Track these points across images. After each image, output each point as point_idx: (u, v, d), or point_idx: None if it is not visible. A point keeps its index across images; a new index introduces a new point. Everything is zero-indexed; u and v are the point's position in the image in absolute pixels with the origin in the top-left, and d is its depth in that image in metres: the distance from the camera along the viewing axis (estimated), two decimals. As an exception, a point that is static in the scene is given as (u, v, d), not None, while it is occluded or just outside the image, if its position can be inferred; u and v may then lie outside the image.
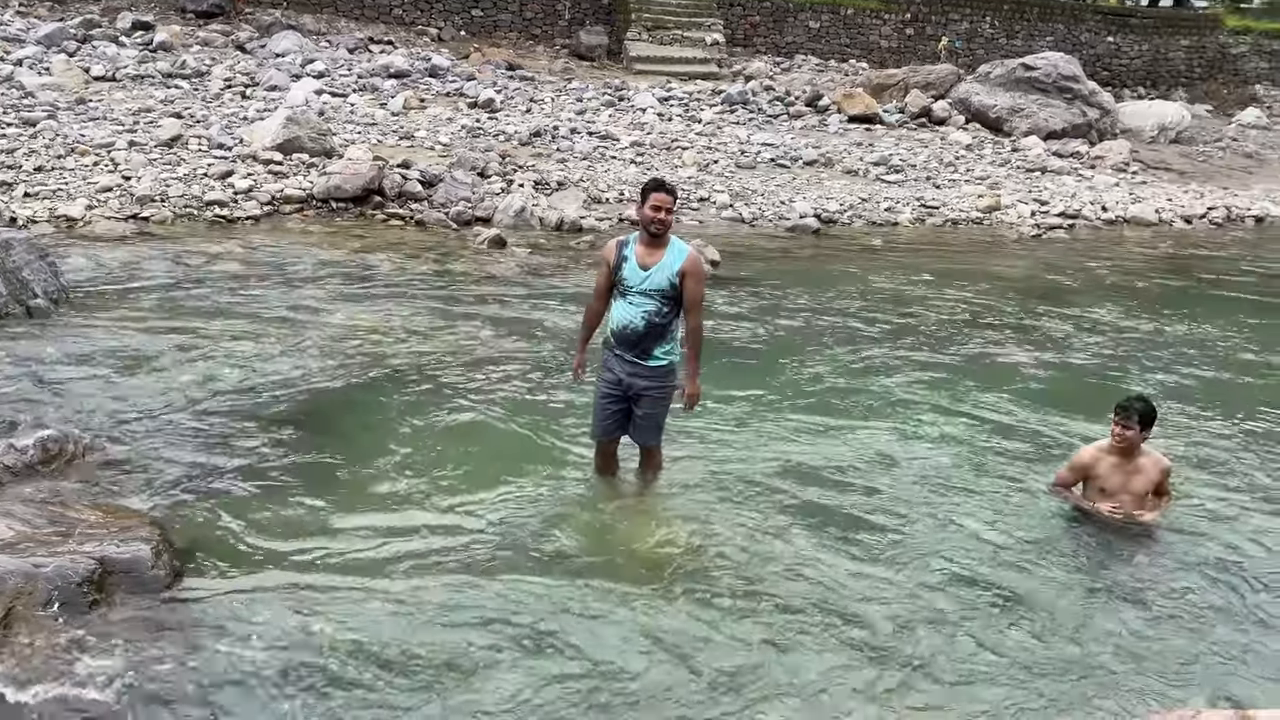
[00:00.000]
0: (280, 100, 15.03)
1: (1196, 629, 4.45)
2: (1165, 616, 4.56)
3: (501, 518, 5.07)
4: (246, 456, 5.55)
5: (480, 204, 12.10)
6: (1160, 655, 4.24)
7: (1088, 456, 5.37)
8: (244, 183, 11.59)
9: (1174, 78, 29.36)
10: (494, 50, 21.71)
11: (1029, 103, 19.66)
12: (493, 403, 6.56)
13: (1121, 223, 15.09)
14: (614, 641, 4.16)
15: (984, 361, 8.22)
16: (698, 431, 6.19)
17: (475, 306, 8.71)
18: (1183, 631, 4.43)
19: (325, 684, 3.81)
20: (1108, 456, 5.27)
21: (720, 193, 13.77)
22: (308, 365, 6.95)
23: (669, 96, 18.87)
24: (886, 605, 4.52)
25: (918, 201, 14.59)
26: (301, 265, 9.52)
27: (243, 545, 4.68)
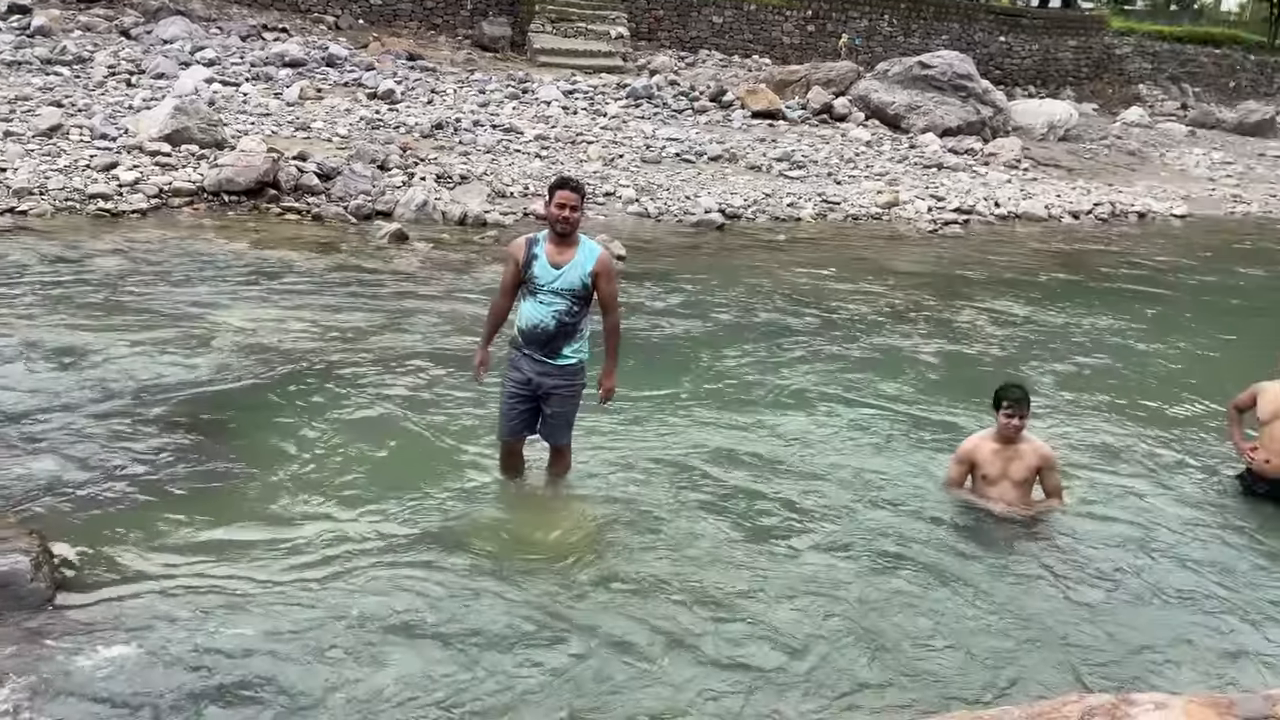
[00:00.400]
0: (168, 89, 14.47)
1: (1078, 615, 4.59)
2: (1051, 601, 4.70)
3: (405, 520, 4.96)
4: (132, 461, 5.31)
5: (381, 198, 11.85)
6: (1040, 641, 4.36)
7: (970, 446, 5.48)
8: (130, 175, 11.12)
9: (1062, 77, 30.42)
10: (394, 40, 21.29)
11: (926, 100, 20.12)
12: (394, 402, 6.42)
13: (1014, 218, 15.56)
14: (524, 642, 4.10)
15: (886, 353, 8.37)
16: (606, 428, 6.16)
17: (376, 303, 8.51)
18: (1065, 617, 4.57)
19: (216, 692, 3.67)
20: (988, 444, 5.40)
21: (625, 187, 13.76)
22: (199, 364, 6.70)
23: (573, 89, 18.78)
24: (795, 594, 4.55)
25: (819, 197, 14.80)
26: (193, 260, 9.18)
27: (129, 554, 4.47)
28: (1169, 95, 30.77)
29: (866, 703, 3.84)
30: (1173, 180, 20.05)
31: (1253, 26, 46.69)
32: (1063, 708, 2.38)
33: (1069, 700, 2.40)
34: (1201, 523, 5.60)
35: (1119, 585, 4.87)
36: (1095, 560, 5.09)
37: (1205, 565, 5.11)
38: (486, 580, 4.50)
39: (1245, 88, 33.60)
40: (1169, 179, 20.17)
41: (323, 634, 4.02)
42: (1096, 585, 4.85)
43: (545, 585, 4.53)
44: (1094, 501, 5.77)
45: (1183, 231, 16.20)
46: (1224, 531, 5.52)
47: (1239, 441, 5.96)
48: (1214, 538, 5.43)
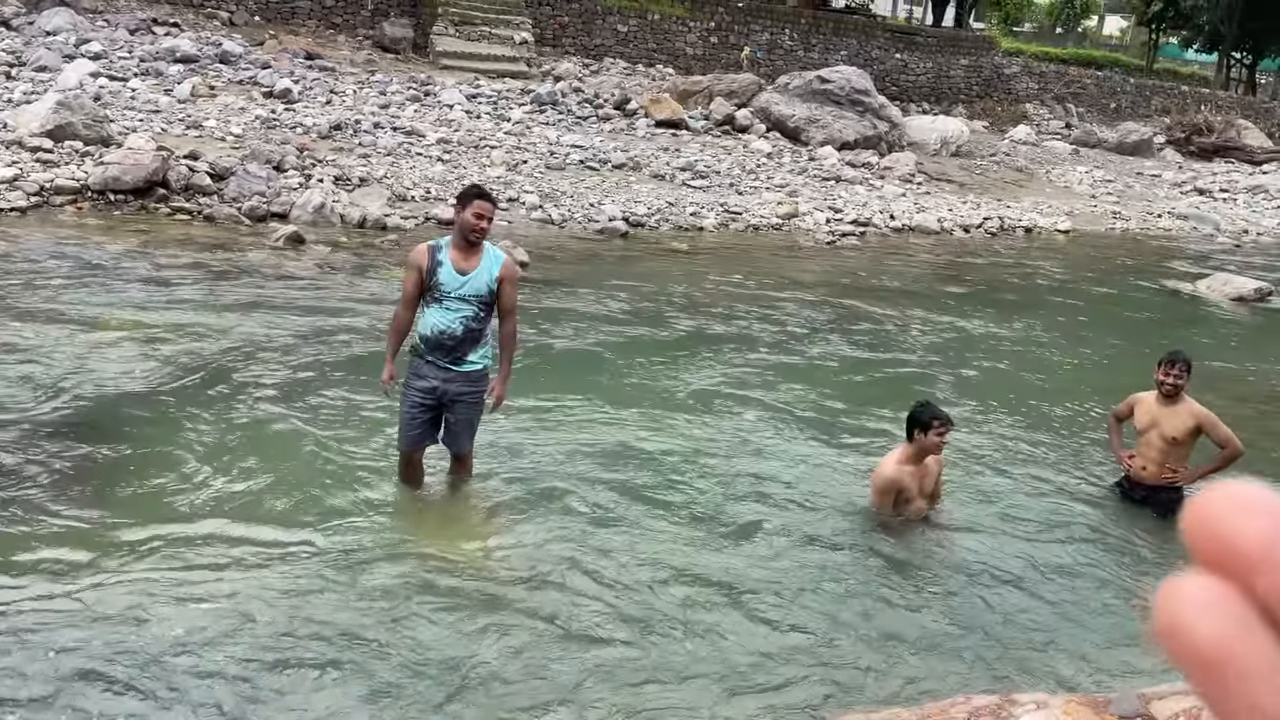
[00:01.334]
0: (50, 82, 13.85)
1: (962, 619, 4.74)
2: (936, 606, 4.84)
3: (301, 531, 4.84)
4: (11, 472, 5.07)
5: (276, 199, 11.55)
6: (926, 645, 4.49)
7: (892, 473, 5.43)
8: (7, 171, 10.61)
9: (955, 94, 31.39)
10: (291, 38, 20.79)
11: (825, 114, 20.52)
12: (288, 409, 6.27)
13: (908, 230, 15.97)
14: (427, 650, 4.04)
15: (787, 359, 8.51)
16: (507, 435, 6.12)
17: (270, 307, 8.29)
18: (950, 620, 4.71)
19: (100, 709, 3.53)
20: (907, 466, 5.47)
21: (529, 193, 13.69)
22: (83, 370, 6.43)
23: (477, 94, 18.61)
24: (688, 594, 4.59)
25: (721, 207, 14.97)
26: (76, 262, 8.80)
27: (12, 565, 4.27)
28: (1054, 115, 32.05)
29: (755, 707, 3.89)
30: (1057, 196, 20.87)
31: (1133, 51, 49.10)
32: (950, 709, 2.46)
33: (956, 702, 2.48)
34: (1082, 528, 5.85)
35: (1001, 589, 5.05)
36: (977, 565, 5.26)
37: (1084, 569, 5.34)
38: (393, 593, 4.43)
39: (1125, 109, 35.22)
40: (1054, 195, 20.99)
41: (215, 652, 3.90)
42: (979, 589, 5.01)
43: (451, 594, 4.48)
44: (979, 508, 5.97)
45: (1067, 246, 16.88)
46: (1103, 536, 5.78)
47: (1118, 449, 6.25)
48: (1094, 542, 5.68)
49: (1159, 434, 5.90)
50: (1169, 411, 5.88)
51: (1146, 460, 5.99)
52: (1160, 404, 5.92)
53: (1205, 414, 5.85)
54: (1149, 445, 5.98)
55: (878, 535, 5.43)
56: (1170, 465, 5.92)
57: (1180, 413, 5.85)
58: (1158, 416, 5.92)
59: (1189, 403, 5.88)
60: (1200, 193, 23.86)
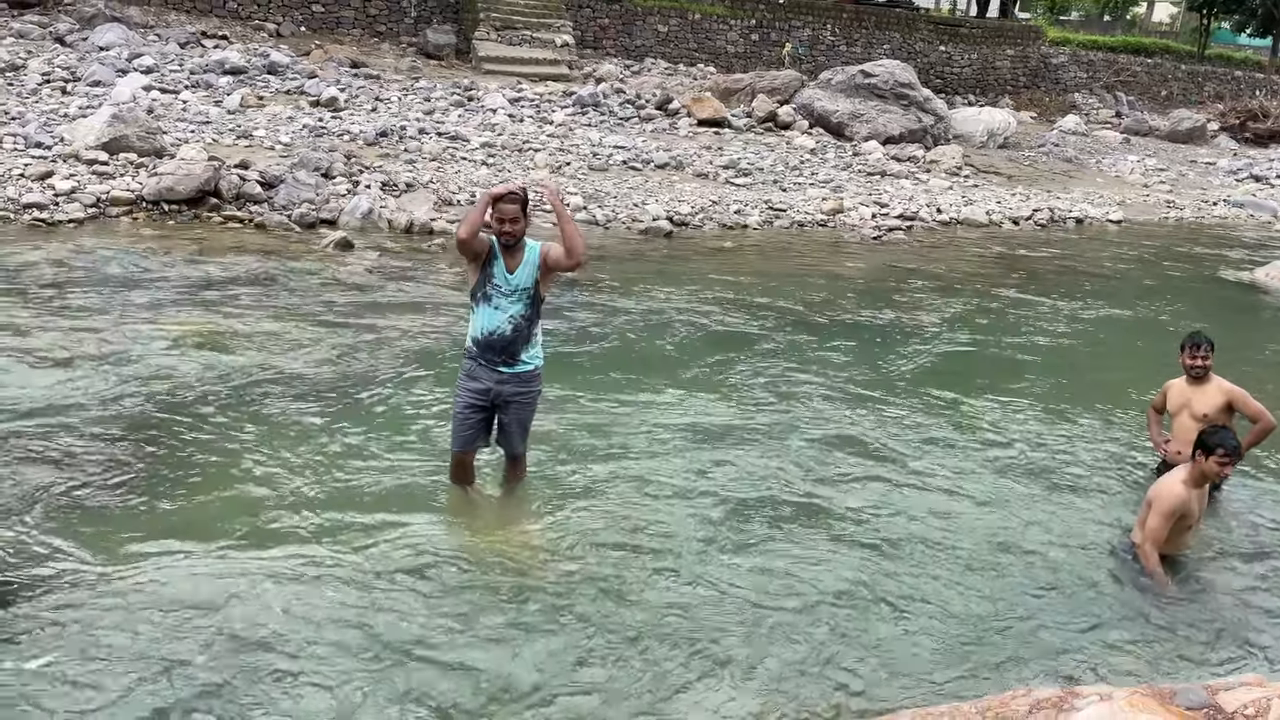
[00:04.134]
0: (105, 97, 14.17)
1: (1021, 610, 4.67)
2: (995, 595, 4.78)
3: (355, 532, 4.91)
4: (74, 474, 5.20)
5: (325, 206, 11.71)
6: (985, 638, 4.43)
7: (1181, 493, 5.09)
8: (65, 184, 10.88)
9: (1001, 86, 31.01)
10: (336, 47, 21.08)
11: (869, 109, 20.36)
12: (340, 411, 6.35)
13: (955, 224, 15.79)
14: (482, 653, 4.08)
15: (837, 355, 8.46)
16: (559, 436, 6.15)
17: (321, 312, 8.41)
18: (1010, 612, 4.65)
19: (155, 701, 3.61)
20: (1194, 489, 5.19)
21: (573, 195, 13.74)
22: (141, 375, 6.58)
23: (519, 97, 18.73)
24: (746, 591, 4.57)
25: (765, 204, 14.91)
26: (132, 271, 8.99)
27: (66, 570, 4.38)
28: (1104, 104, 31.51)
29: (814, 704, 3.87)
30: (1109, 186, 20.52)
31: (1183, 37, 48.06)
32: (1011, 702, 2.43)
33: (1017, 694, 2.44)
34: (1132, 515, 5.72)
35: (1058, 578, 4.97)
36: (1032, 555, 5.19)
37: (1120, 559, 5.24)
38: (440, 594, 4.47)
39: (1177, 96, 34.53)
40: (1105, 185, 20.63)
41: (273, 650, 3.96)
42: (1035, 578, 4.94)
43: (505, 592, 4.51)
44: (1032, 496, 5.89)
45: (1119, 236, 16.58)
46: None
47: (1156, 438, 6.33)
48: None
49: (1190, 414, 5.98)
50: (1198, 391, 6.00)
51: (1181, 443, 5.97)
52: (1190, 385, 6.04)
53: (1235, 390, 5.95)
54: (1182, 427, 6.02)
55: (910, 526, 5.37)
56: None
57: (1210, 391, 5.97)
58: (1188, 397, 6.03)
59: (1218, 380, 6.00)
60: (1256, 179, 23.32)
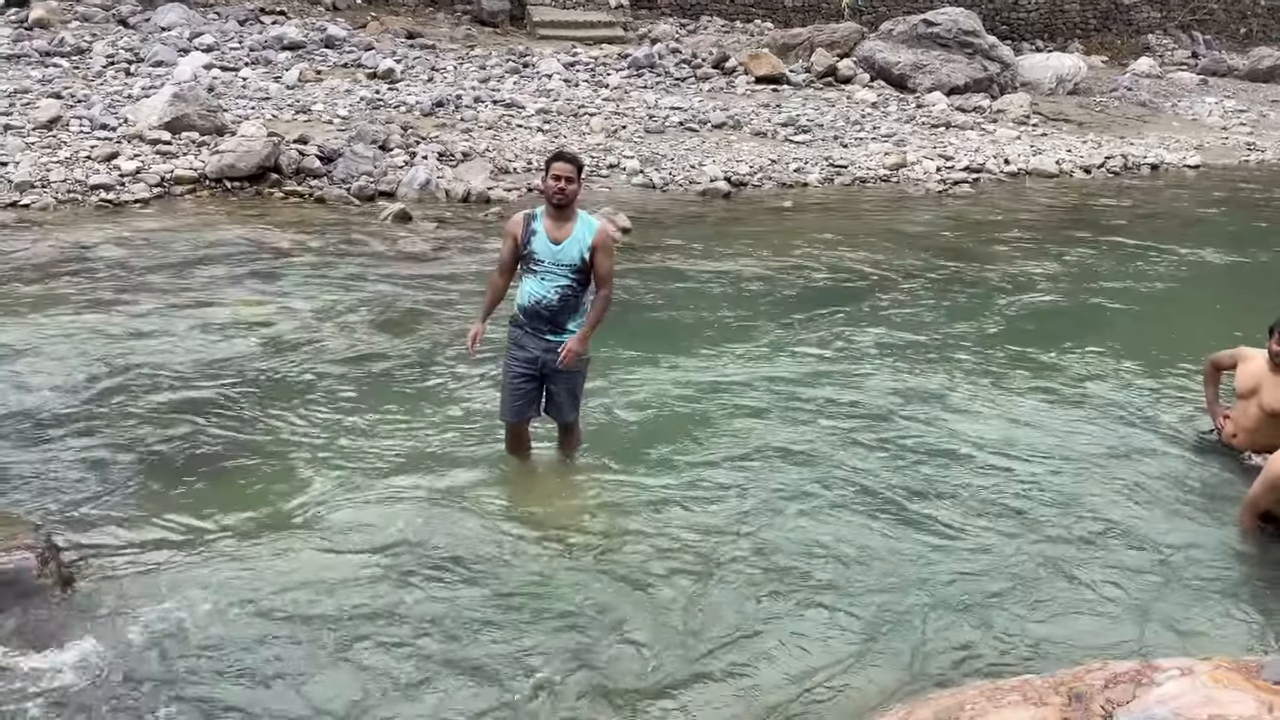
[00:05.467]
0: (167, 76, 14.36)
1: (1094, 579, 4.52)
2: (1067, 566, 4.63)
3: (408, 504, 4.93)
4: (138, 452, 5.31)
5: (383, 178, 11.77)
6: (1054, 608, 4.30)
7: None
8: (131, 164, 11.07)
9: (1070, 30, 29.95)
10: (392, 18, 21.09)
11: (931, 59, 19.81)
12: (402, 383, 6.40)
13: (1024, 175, 15.33)
14: (543, 623, 4.08)
15: (903, 312, 8.28)
16: (617, 403, 6.11)
17: (381, 283, 8.47)
18: (1083, 582, 4.50)
19: (223, 679, 3.67)
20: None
21: (630, 159, 13.61)
22: (204, 352, 6.68)
23: (574, 62, 18.57)
24: (814, 558, 4.51)
25: (826, 161, 14.62)
26: (197, 248, 9.13)
27: (135, 547, 4.47)
28: (1179, 44, 30.27)
29: (883, 678, 3.79)
30: (1185, 131, 19.74)
31: (1264, -29, 45.88)
32: (1085, 675, 2.32)
33: (1093, 668, 2.33)
34: (1195, 484, 5.46)
35: (1133, 549, 4.80)
36: (1108, 523, 5.01)
37: (1215, 526, 5.02)
38: (497, 566, 4.47)
39: (1257, 34, 33.00)
40: (1181, 130, 19.85)
41: (328, 631, 4.00)
42: (1110, 549, 4.77)
43: (561, 562, 4.50)
44: (1105, 460, 5.69)
45: (1196, 182, 15.96)
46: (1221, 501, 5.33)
47: (1212, 404, 5.73)
48: (1228, 499, 5.30)
49: (1259, 404, 5.36)
50: (1276, 381, 5.30)
51: (1239, 427, 5.48)
52: (1271, 372, 5.34)
53: None
54: (1244, 413, 5.46)
55: (979, 487, 5.23)
56: (1264, 441, 5.32)
57: None
58: (1262, 384, 5.35)
59: None
60: (1345, 117, 22.26)
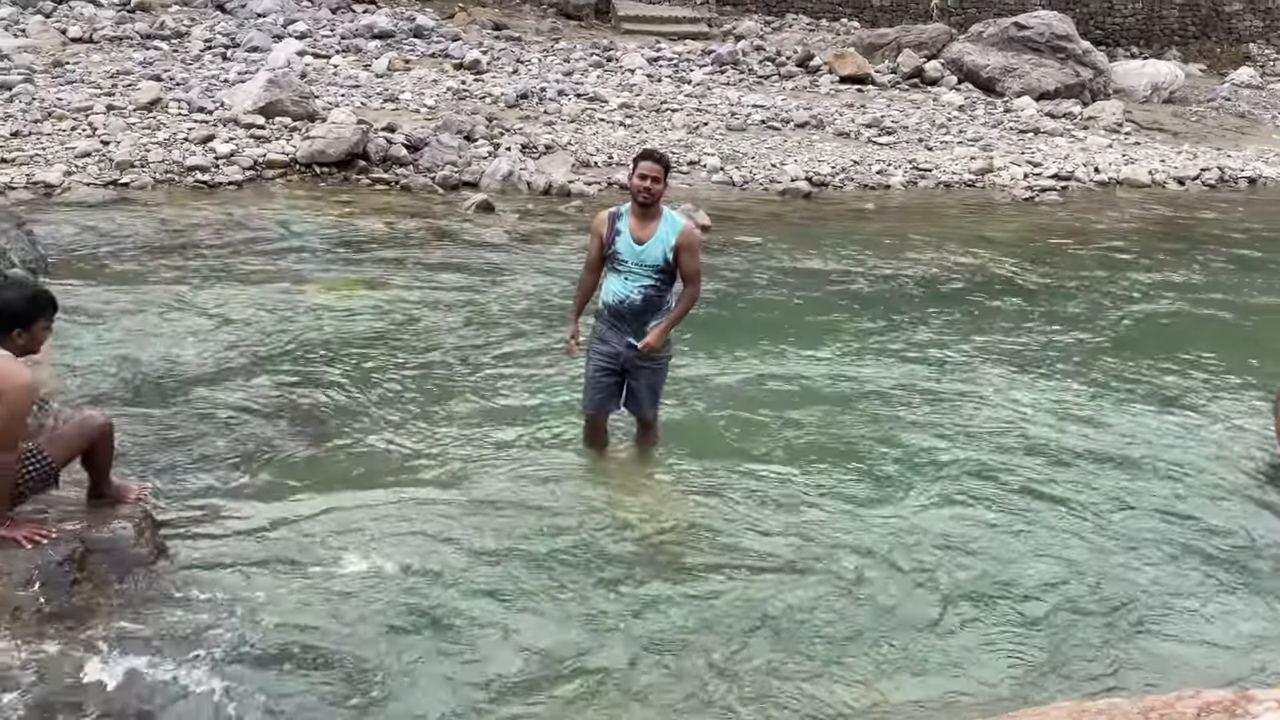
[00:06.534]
0: (261, 62, 14.72)
1: (1187, 603, 4.40)
2: (1158, 586, 4.52)
3: (493, 491, 5.00)
4: (231, 427, 5.47)
5: (467, 168, 11.92)
6: (1141, 628, 4.20)
7: None
8: (225, 147, 11.37)
9: (1167, 36, 29.09)
10: (479, 10, 21.32)
11: (1022, 63, 19.42)
12: (481, 371, 6.49)
13: (1115, 184, 14.96)
14: (610, 616, 4.10)
15: (987, 319, 8.16)
16: (697, 401, 6.12)
17: (463, 273, 8.59)
18: (1175, 605, 4.39)
19: (312, 656, 3.77)
20: None
21: (710, 156, 13.59)
22: (294, 333, 6.85)
23: (658, 57, 18.58)
24: (898, 564, 4.47)
25: (910, 164, 14.43)
26: (286, 231, 9.36)
27: (228, 519, 4.61)
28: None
29: (966, 690, 3.75)
30: (1286, 143, 19.07)
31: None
32: (1177, 703, 2.25)
33: (1184, 696, 2.27)
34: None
35: (1228, 571, 4.67)
36: (1201, 546, 4.88)
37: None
38: (580, 561, 4.51)
39: (1367, 44, 31.71)
40: (1282, 142, 19.19)
41: (414, 604, 4.08)
42: (1205, 572, 4.65)
43: (631, 558, 4.52)
44: (1199, 477, 5.54)
45: (1297, 197, 15.41)
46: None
47: None
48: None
49: None
50: None
51: None
52: None
53: None
54: None
55: (1066, 501, 5.12)
56: None
57: None
58: None
59: None
60: None
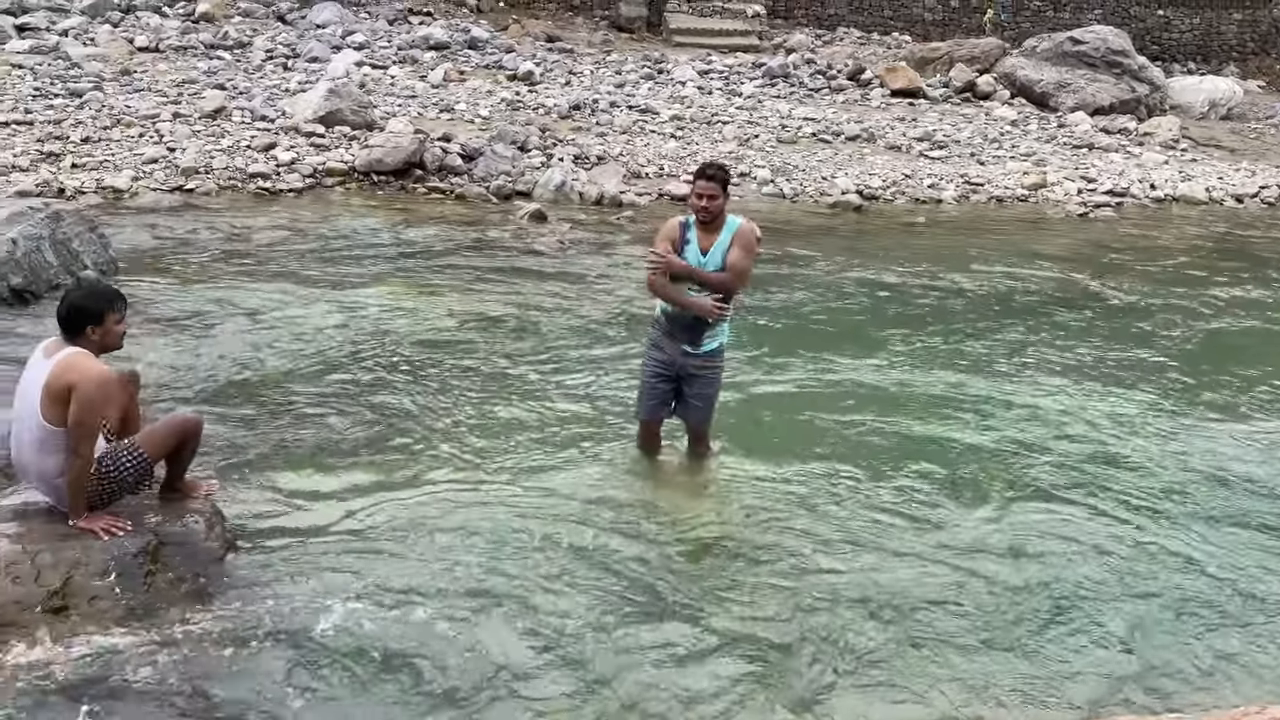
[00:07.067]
0: (321, 72, 15.02)
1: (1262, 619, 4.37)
2: (1230, 603, 4.49)
3: (550, 492, 5.09)
4: (297, 426, 5.62)
5: (520, 178, 12.07)
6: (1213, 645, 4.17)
7: None
8: (287, 155, 11.63)
9: (1225, 52, 28.64)
10: (533, 22, 21.58)
11: (1076, 78, 19.26)
12: (536, 376, 6.58)
13: (1170, 201, 14.77)
14: (660, 617, 4.16)
15: (1039, 336, 8.11)
16: (748, 412, 6.16)
17: (517, 280, 8.71)
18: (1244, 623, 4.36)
19: (377, 651, 3.86)
20: None
21: (761, 168, 13.63)
22: (358, 339, 7.01)
23: (709, 69, 18.68)
24: (942, 577, 4.48)
25: (961, 178, 14.37)
26: (345, 238, 9.55)
27: (294, 515, 4.74)
28: (1346, 70, 28.63)
29: (1030, 700, 3.75)
30: (1349, 161, 18.69)
31: None
32: (1243, 719, 2.24)
33: (1249, 711, 2.26)
34: None
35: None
36: (1265, 559, 4.84)
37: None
38: (631, 563, 4.58)
39: None
40: (1345, 160, 18.81)
41: (471, 602, 4.17)
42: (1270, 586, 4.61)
43: (677, 564, 4.58)
44: (1266, 497, 5.48)
45: (1360, 217, 15.10)
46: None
47: None
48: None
49: None
50: None
51: None
52: None
53: None
54: None
55: (1136, 516, 5.09)
56: None
57: None
58: None
59: None
60: None
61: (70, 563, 3.94)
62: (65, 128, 11.58)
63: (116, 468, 4.14)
